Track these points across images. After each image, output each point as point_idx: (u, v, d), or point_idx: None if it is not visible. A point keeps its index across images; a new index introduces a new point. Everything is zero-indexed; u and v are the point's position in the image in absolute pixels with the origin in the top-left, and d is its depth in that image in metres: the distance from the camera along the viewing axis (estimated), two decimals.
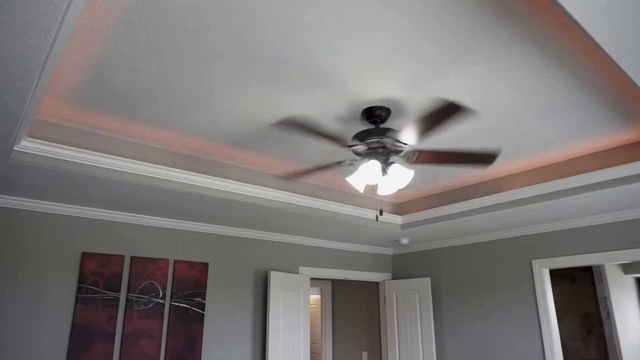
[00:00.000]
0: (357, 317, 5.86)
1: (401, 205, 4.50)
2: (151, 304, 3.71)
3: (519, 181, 3.57)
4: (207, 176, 3.19)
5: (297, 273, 4.71)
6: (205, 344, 3.93)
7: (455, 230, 4.43)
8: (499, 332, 4.36)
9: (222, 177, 3.27)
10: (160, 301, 3.77)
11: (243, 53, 2.02)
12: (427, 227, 4.31)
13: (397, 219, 4.40)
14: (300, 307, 4.51)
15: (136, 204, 3.44)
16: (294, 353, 4.33)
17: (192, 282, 3.98)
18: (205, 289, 4.04)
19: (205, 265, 4.09)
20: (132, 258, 3.71)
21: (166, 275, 3.86)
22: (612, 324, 5.09)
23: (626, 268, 5.75)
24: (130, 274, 3.67)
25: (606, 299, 5.19)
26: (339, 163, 2.63)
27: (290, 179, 2.94)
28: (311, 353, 7.20)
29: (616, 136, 2.91)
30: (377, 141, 2.43)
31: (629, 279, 5.81)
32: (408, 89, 2.34)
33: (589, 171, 3.14)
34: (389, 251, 5.61)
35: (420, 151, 2.44)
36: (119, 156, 2.84)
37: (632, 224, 3.67)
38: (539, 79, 2.24)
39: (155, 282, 3.78)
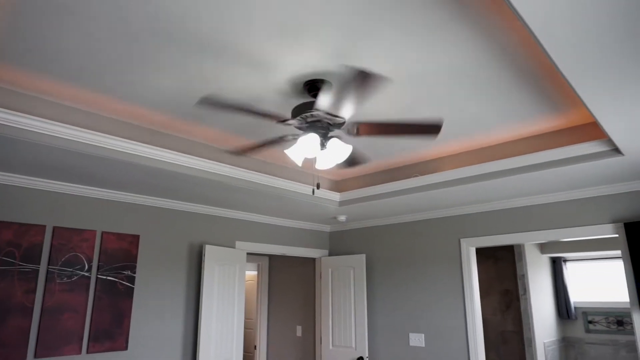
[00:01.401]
0: (293, 292, 5.92)
1: (340, 182, 4.54)
2: (75, 277, 3.52)
3: (451, 163, 3.71)
4: (140, 144, 3.01)
5: (234, 247, 4.65)
6: (135, 318, 3.80)
7: (391, 208, 4.55)
8: (427, 306, 4.58)
9: (157, 146, 3.12)
10: (86, 274, 3.58)
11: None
12: (364, 205, 4.40)
13: (336, 196, 4.45)
14: (235, 282, 4.47)
15: (58, 170, 3.20)
16: (227, 328, 4.30)
17: (121, 255, 3.80)
18: (136, 262, 3.88)
19: (136, 238, 3.92)
20: (54, 228, 3.47)
21: (93, 247, 3.66)
22: (527, 299, 5.52)
23: (542, 248, 6.23)
24: (52, 245, 3.44)
25: (524, 277, 5.60)
26: (281, 138, 2.58)
27: (240, 154, 2.86)
28: (246, 329, 7.21)
29: (543, 123, 3.08)
30: (311, 115, 2.38)
31: (545, 258, 6.31)
32: (333, 60, 2.32)
33: (516, 155, 3.33)
34: (327, 228, 5.68)
35: (359, 123, 2.43)
36: (37, 116, 2.61)
37: (549, 207, 3.96)
38: (474, 64, 2.31)
39: (80, 254, 3.57)
